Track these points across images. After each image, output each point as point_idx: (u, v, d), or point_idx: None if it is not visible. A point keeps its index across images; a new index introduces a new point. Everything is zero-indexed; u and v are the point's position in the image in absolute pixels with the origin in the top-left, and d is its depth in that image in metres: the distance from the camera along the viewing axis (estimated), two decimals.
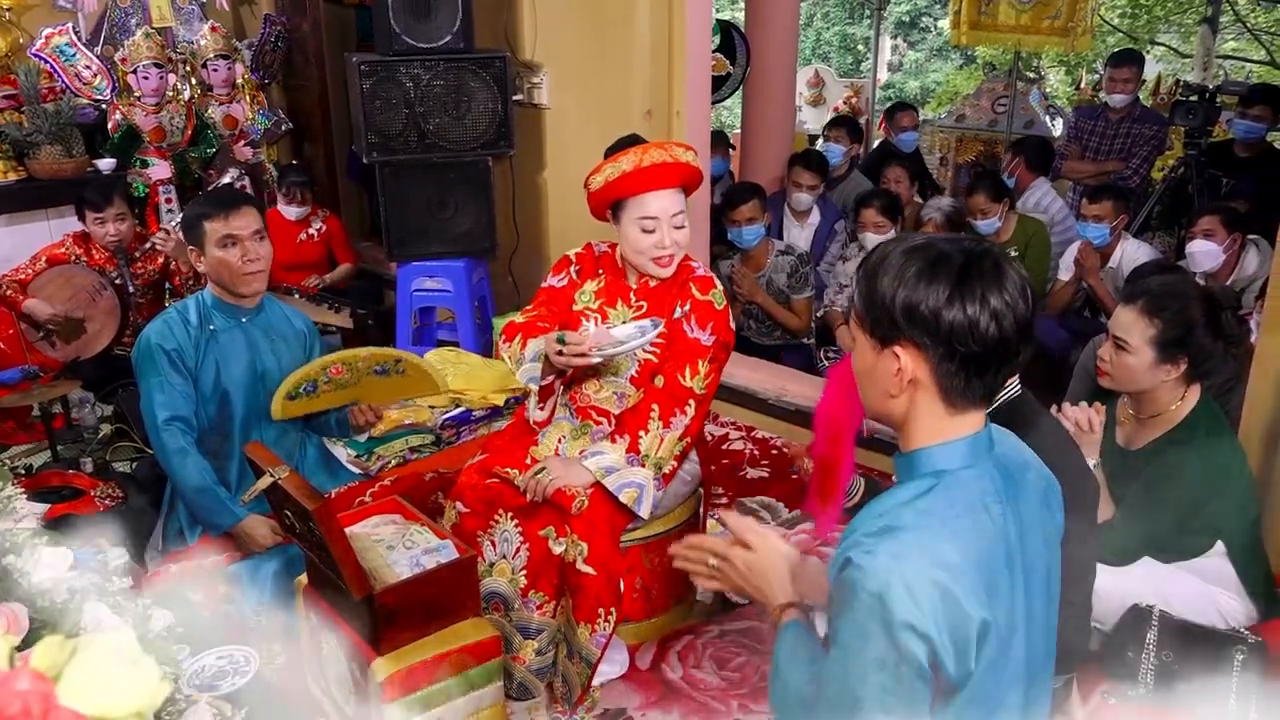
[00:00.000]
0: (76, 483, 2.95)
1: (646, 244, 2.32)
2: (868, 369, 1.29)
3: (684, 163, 2.32)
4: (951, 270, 1.18)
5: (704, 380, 2.35)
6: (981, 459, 1.25)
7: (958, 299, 1.17)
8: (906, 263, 1.21)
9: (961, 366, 1.20)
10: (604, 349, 2.23)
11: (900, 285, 1.20)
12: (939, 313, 1.18)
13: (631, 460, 2.28)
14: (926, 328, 1.19)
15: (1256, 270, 3.54)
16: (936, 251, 1.21)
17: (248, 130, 5.09)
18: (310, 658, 2.24)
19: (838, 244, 4.58)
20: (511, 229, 4.35)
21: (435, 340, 4.35)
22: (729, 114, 11.86)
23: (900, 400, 1.26)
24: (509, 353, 2.40)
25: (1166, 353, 2.10)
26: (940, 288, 1.18)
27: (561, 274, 2.52)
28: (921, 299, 1.18)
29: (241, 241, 2.49)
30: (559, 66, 4.10)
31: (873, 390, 1.30)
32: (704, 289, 2.40)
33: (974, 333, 1.17)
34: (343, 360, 2.52)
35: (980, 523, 1.20)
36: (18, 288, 3.80)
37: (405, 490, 2.69)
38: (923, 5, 15.43)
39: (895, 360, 1.23)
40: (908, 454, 1.28)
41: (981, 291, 1.17)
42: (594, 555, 2.19)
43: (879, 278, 1.23)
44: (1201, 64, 7.13)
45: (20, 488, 1.56)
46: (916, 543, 1.15)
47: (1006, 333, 1.19)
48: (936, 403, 1.24)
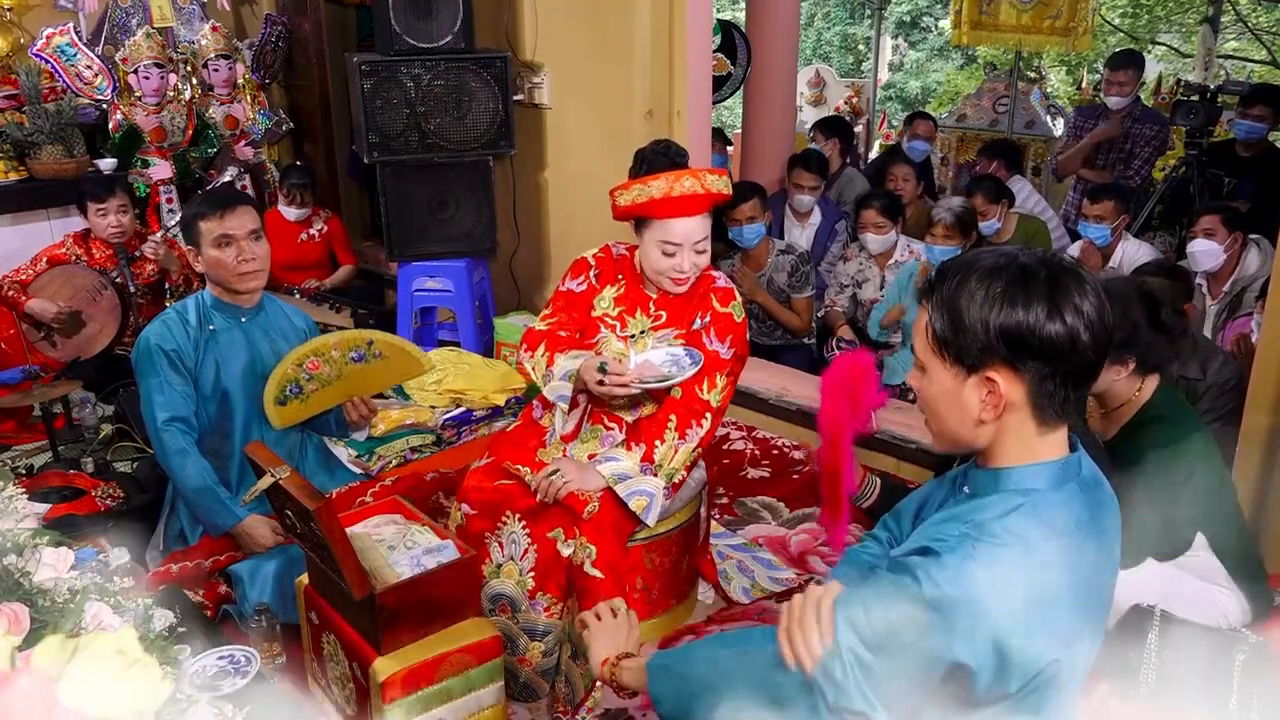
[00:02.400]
0: (77, 483, 2.96)
1: (665, 265, 2.31)
2: (949, 398, 1.23)
3: (715, 191, 2.29)
4: (1040, 283, 1.15)
5: (720, 394, 2.35)
6: (1069, 482, 1.22)
7: (1057, 313, 1.14)
8: (992, 284, 1.16)
9: (1062, 383, 1.17)
10: (646, 381, 2.24)
11: (992, 308, 1.15)
12: (1038, 329, 1.14)
13: (645, 469, 2.29)
14: (1027, 347, 1.15)
15: (1257, 270, 3.53)
16: (1019, 266, 1.16)
17: (249, 130, 5.10)
18: (310, 658, 2.24)
19: (838, 244, 4.58)
20: (512, 229, 4.35)
21: (436, 340, 4.35)
22: (729, 114, 11.86)
23: (989, 426, 1.22)
24: (532, 364, 2.40)
25: (1115, 355, 2.12)
26: (1037, 304, 1.14)
27: (580, 278, 2.49)
28: (1020, 319, 1.14)
29: (236, 241, 2.49)
30: (560, 66, 4.10)
31: (955, 418, 1.24)
32: (724, 301, 2.38)
33: (1075, 344, 1.14)
34: (314, 353, 2.51)
35: (1067, 554, 1.17)
36: (19, 288, 3.80)
37: (406, 490, 2.70)
38: (924, 5, 15.42)
39: (987, 386, 1.19)
40: (992, 470, 1.24)
41: (1075, 301, 1.14)
42: (602, 558, 2.20)
43: (963, 303, 1.17)
44: (1203, 64, 7.12)
45: (21, 488, 1.56)
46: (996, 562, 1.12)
47: (1099, 338, 1.16)
48: (1028, 423, 1.20)
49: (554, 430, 2.48)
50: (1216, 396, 2.88)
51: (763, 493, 3.32)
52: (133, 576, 1.71)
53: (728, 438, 3.71)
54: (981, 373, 1.19)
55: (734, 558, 2.87)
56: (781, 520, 3.16)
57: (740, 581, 2.77)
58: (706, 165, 3.43)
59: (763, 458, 3.57)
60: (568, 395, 2.31)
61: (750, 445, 3.66)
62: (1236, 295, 3.57)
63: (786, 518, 3.17)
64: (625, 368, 2.25)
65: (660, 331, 2.41)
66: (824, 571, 2.87)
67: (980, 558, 1.13)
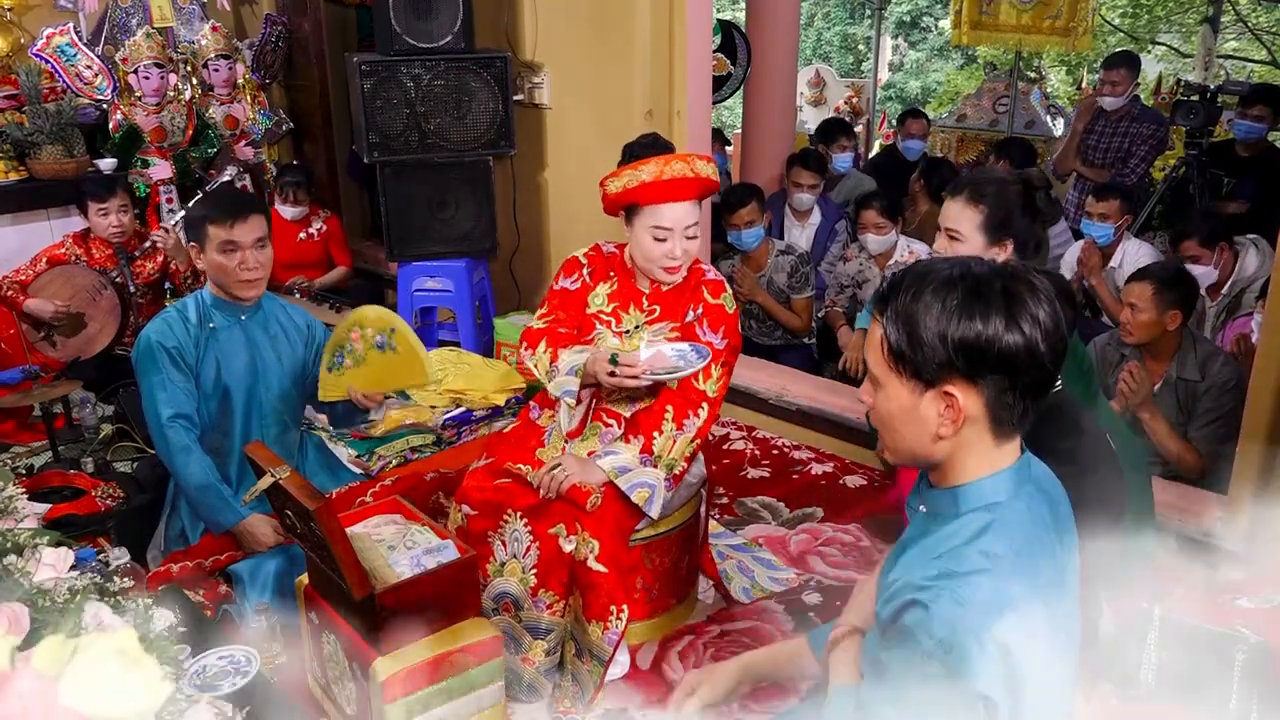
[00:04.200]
0: (77, 483, 2.95)
1: (657, 252, 2.33)
2: (906, 413, 1.21)
3: (704, 176, 2.31)
4: (997, 294, 1.13)
5: (716, 383, 2.37)
6: (1025, 485, 1.22)
7: (1014, 324, 1.13)
8: (947, 297, 1.14)
9: (1021, 395, 1.16)
10: (656, 372, 2.25)
11: (949, 321, 1.14)
12: (996, 341, 1.12)
13: (645, 461, 2.30)
14: (985, 360, 1.13)
15: (1256, 270, 3.54)
16: (974, 278, 1.15)
17: (249, 130, 5.10)
18: (310, 658, 2.24)
19: (838, 244, 4.58)
20: (512, 229, 4.35)
21: (436, 340, 4.35)
22: (729, 114, 11.87)
23: (947, 442, 1.20)
24: (534, 361, 2.41)
25: (994, 236, 2.21)
26: (995, 316, 1.13)
27: (573, 276, 2.51)
28: (979, 331, 1.13)
29: (242, 249, 2.49)
30: (560, 66, 4.10)
31: (912, 434, 1.22)
32: (715, 293, 2.41)
33: (1034, 355, 1.13)
34: (358, 323, 2.56)
35: (1040, 559, 1.16)
36: (19, 289, 3.80)
37: (406, 490, 2.69)
38: (924, 5, 15.41)
39: (945, 400, 1.17)
40: (950, 489, 1.23)
41: (1031, 310, 1.13)
42: (605, 553, 2.20)
43: (919, 317, 1.15)
44: (1203, 64, 7.12)
45: (21, 488, 1.56)
46: (989, 590, 1.11)
47: (1056, 347, 1.15)
48: (985, 436, 1.19)
49: (554, 429, 2.48)
50: (1216, 396, 2.88)
51: (763, 493, 3.32)
52: (133, 576, 1.71)
53: (727, 438, 3.71)
54: (939, 387, 1.17)
55: (734, 558, 2.87)
56: (781, 520, 3.16)
57: (740, 582, 2.77)
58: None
59: (763, 458, 3.57)
60: (574, 390, 2.31)
61: (750, 445, 3.66)
62: (1236, 295, 3.57)
63: (786, 518, 3.17)
64: (636, 359, 2.26)
65: (655, 325, 2.43)
66: (823, 572, 2.87)
67: (965, 595, 1.12)
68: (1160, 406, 2.89)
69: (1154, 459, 2.90)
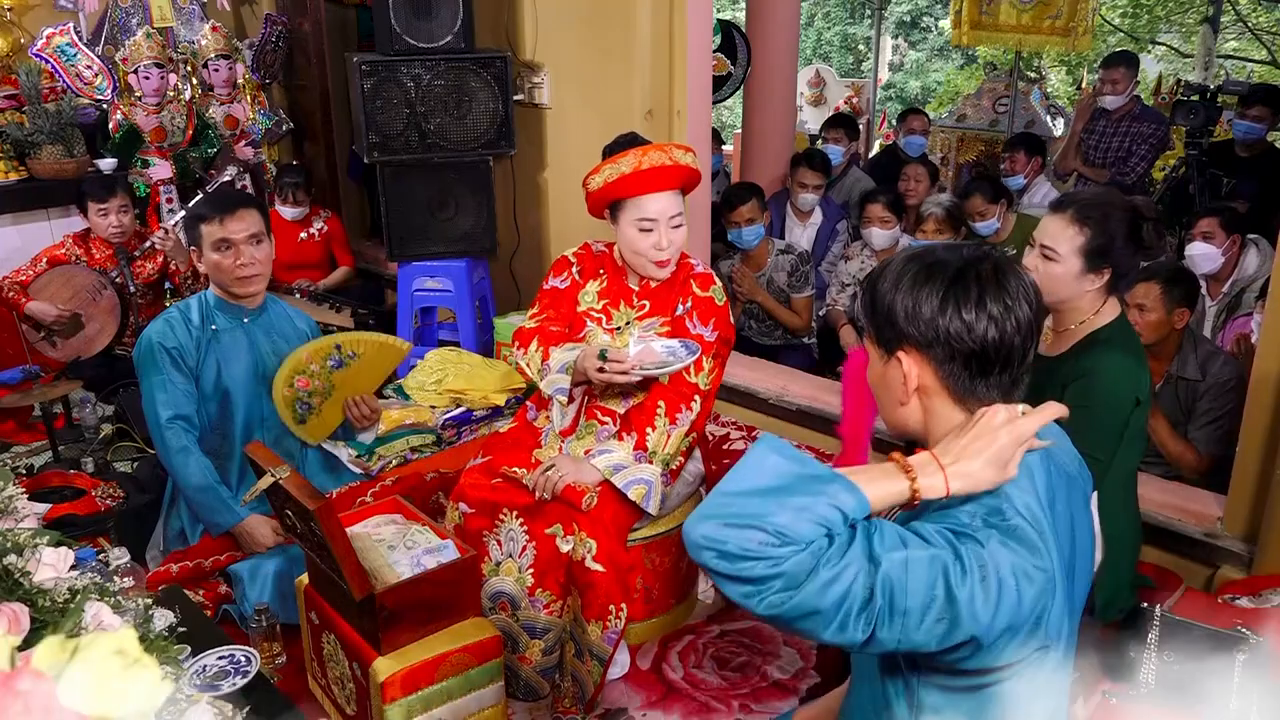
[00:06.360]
0: (77, 483, 2.95)
1: (644, 245, 2.33)
2: (879, 379, 1.29)
3: (683, 165, 2.32)
4: (946, 275, 1.19)
5: (708, 376, 2.37)
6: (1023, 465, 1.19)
7: (950, 302, 1.18)
8: (904, 269, 1.22)
9: (964, 367, 1.20)
10: (645, 367, 2.25)
11: (897, 291, 1.21)
12: (934, 316, 1.18)
13: (639, 457, 2.30)
14: (924, 330, 1.19)
15: (1256, 270, 3.53)
16: (934, 258, 1.22)
17: (249, 130, 5.09)
18: (310, 658, 2.24)
19: (839, 243, 4.58)
20: (512, 229, 4.35)
21: (436, 340, 4.35)
22: (729, 114, 11.87)
23: (911, 408, 1.26)
24: (526, 360, 2.41)
25: (1092, 262, 2.11)
26: (935, 290, 1.19)
27: (563, 275, 2.52)
28: (917, 301, 1.19)
29: (236, 245, 2.49)
30: (560, 66, 4.10)
31: (885, 399, 1.30)
32: (704, 286, 2.42)
33: (971, 335, 1.18)
34: (296, 372, 2.55)
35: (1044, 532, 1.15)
36: (19, 289, 3.80)
37: (406, 490, 2.70)
38: (924, 5, 15.42)
39: (899, 366, 1.23)
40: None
41: (978, 295, 1.18)
42: (602, 552, 2.20)
43: (879, 286, 1.24)
44: (1203, 64, 7.13)
45: (21, 488, 1.56)
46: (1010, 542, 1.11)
47: (1008, 336, 1.18)
48: (949, 406, 1.23)
49: (550, 429, 2.48)
50: (1216, 396, 2.88)
51: None
52: (133, 576, 1.71)
53: (728, 438, 3.71)
54: (895, 354, 1.24)
55: None
56: None
57: None
58: (708, 165, 3.43)
59: None
60: (566, 388, 2.31)
61: (750, 445, 3.65)
62: (1236, 295, 3.57)
63: None
64: (625, 355, 2.27)
65: (645, 321, 2.43)
66: None
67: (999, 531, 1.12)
68: (1160, 406, 2.89)
69: (1154, 459, 2.90)
